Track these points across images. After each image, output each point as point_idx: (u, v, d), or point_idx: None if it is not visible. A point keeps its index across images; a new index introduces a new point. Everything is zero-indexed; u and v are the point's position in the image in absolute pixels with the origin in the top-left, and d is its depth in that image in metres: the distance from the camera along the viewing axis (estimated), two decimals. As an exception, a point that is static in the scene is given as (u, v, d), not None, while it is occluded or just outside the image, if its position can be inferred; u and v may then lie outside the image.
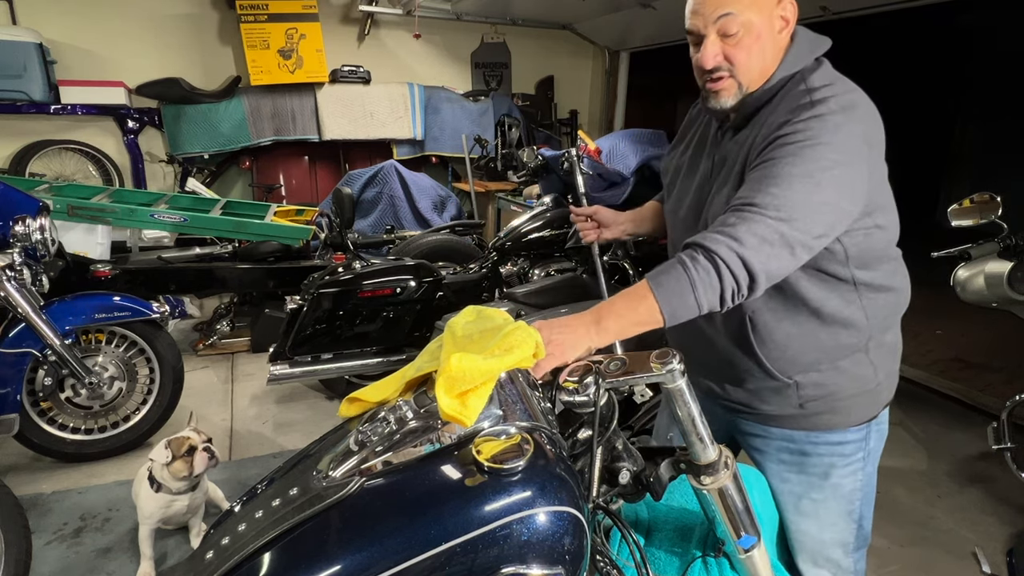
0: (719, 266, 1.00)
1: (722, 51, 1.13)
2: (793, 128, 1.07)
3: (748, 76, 1.15)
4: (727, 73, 1.15)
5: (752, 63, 1.14)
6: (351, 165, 5.63)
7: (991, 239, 2.46)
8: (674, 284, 1.01)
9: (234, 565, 0.78)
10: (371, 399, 1.03)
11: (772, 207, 1.02)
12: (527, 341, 0.99)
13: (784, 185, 1.03)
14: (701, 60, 1.15)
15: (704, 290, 1.00)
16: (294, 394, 3.55)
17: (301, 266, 3.73)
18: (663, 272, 1.03)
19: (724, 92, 1.16)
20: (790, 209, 1.01)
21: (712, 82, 1.16)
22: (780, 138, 1.07)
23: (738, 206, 1.04)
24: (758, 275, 1.01)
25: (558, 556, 0.78)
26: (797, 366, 1.22)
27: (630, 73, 6.46)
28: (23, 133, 4.65)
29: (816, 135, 1.05)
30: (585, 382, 0.93)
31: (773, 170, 1.05)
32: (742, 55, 1.13)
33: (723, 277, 1.00)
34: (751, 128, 1.17)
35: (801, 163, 1.04)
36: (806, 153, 1.04)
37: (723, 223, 1.04)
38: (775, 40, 1.15)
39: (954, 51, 7.12)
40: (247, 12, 4.91)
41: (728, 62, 1.14)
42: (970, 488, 2.75)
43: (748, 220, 1.02)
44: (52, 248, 2.62)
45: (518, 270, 3.58)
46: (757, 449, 1.36)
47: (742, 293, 1.03)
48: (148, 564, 2.17)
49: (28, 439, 2.73)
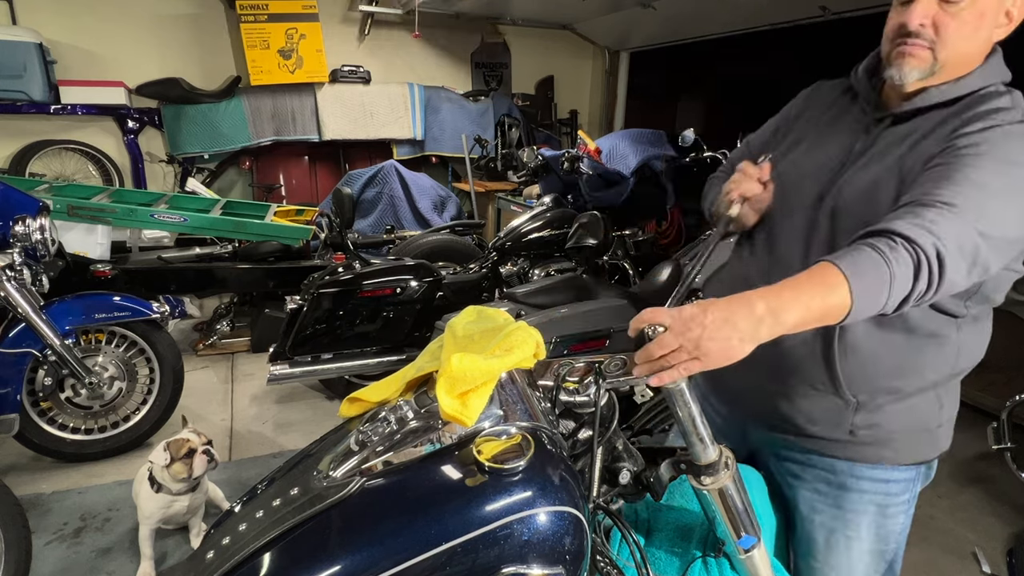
0: (920, 265, 0.85)
1: (933, 15, 0.99)
2: (974, 135, 0.95)
3: (947, 54, 1.01)
4: (927, 44, 1.01)
5: (960, 42, 1.00)
6: (351, 165, 5.63)
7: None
8: (873, 275, 0.84)
9: (234, 565, 0.78)
10: (371, 399, 1.03)
11: (971, 212, 0.88)
12: (527, 341, 0.99)
13: (984, 192, 0.89)
14: (907, 16, 1.00)
15: (899, 289, 0.85)
16: (294, 394, 3.55)
17: (301, 266, 3.72)
18: (859, 260, 0.85)
19: (913, 61, 1.02)
20: (989, 222, 0.88)
21: (905, 45, 1.02)
22: (970, 143, 0.95)
23: (929, 201, 0.89)
24: (944, 284, 0.86)
25: (558, 556, 0.78)
26: (870, 387, 1.10)
27: (630, 73, 6.46)
28: (23, 133, 4.65)
29: (1001, 144, 0.93)
30: (585, 382, 0.93)
31: (968, 173, 0.91)
32: (954, 26, 0.99)
33: (919, 278, 0.85)
34: (915, 124, 1.05)
35: (999, 176, 0.91)
36: (1001, 167, 0.91)
37: (918, 215, 0.88)
38: (991, 32, 1.02)
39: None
40: (247, 12, 4.91)
41: (934, 31, 1.00)
42: (970, 488, 2.75)
43: (948, 218, 0.87)
44: (52, 248, 2.62)
45: (518, 270, 3.58)
46: (792, 474, 1.23)
47: (924, 299, 0.88)
48: (148, 564, 2.16)
49: (28, 439, 2.73)
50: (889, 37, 1.06)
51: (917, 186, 0.95)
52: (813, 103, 1.28)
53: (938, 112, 1.04)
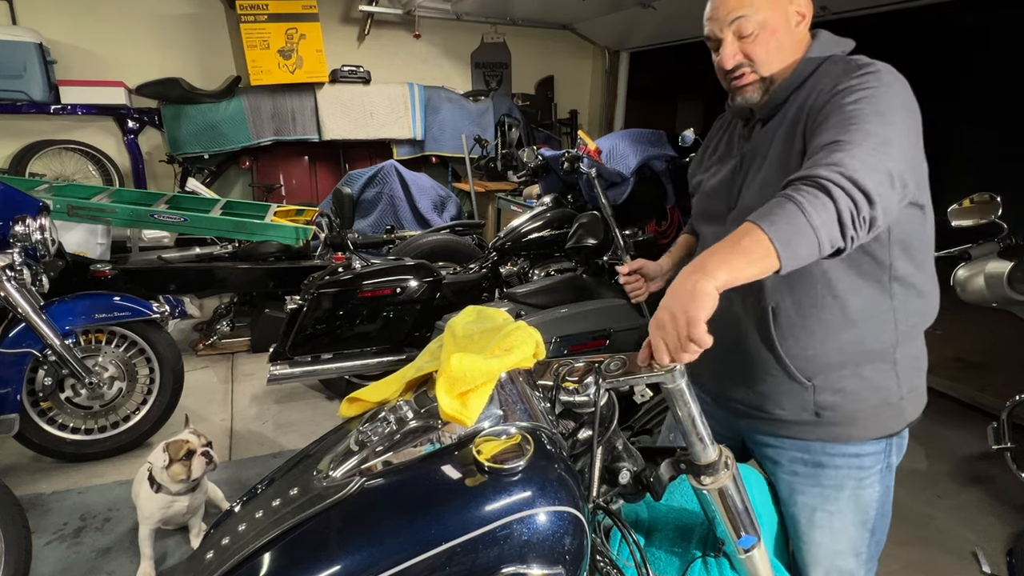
0: (826, 186, 0.90)
1: (740, 50, 1.16)
2: (848, 84, 1.05)
3: (769, 69, 1.17)
4: (748, 69, 1.17)
5: (771, 57, 1.16)
6: (351, 165, 5.63)
7: (991, 239, 2.46)
8: (779, 211, 0.90)
9: (234, 565, 0.78)
10: (371, 399, 1.03)
11: (861, 139, 0.95)
12: (527, 341, 0.99)
13: (869, 122, 0.98)
14: (721, 61, 1.18)
15: (816, 212, 0.89)
16: (294, 394, 3.55)
17: (301, 266, 3.72)
18: (764, 209, 0.93)
19: (749, 88, 1.19)
20: (880, 141, 0.95)
21: (736, 79, 1.19)
22: (840, 93, 1.05)
23: (824, 145, 0.98)
24: (872, 194, 0.91)
25: (558, 556, 0.78)
26: (818, 367, 1.18)
27: (630, 73, 6.46)
28: (23, 133, 4.65)
29: (877, 87, 1.03)
30: (585, 382, 0.93)
31: (849, 113, 1.00)
32: (760, 51, 1.15)
33: (835, 196, 0.90)
34: (783, 114, 1.18)
35: (874, 105, 1.00)
36: (877, 97, 1.01)
37: (814, 162, 0.96)
38: (792, 33, 1.17)
39: (954, 51, 7.12)
40: (247, 12, 4.91)
41: (748, 59, 1.17)
42: (970, 488, 2.75)
43: (843, 149, 0.94)
44: (52, 248, 2.62)
45: (518, 270, 3.58)
46: (770, 459, 1.31)
47: (863, 216, 0.91)
48: (148, 564, 2.16)
49: (28, 439, 2.73)
50: (721, 76, 1.24)
51: (815, 138, 1.03)
52: (711, 140, 1.44)
53: (794, 96, 1.17)
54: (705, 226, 1.36)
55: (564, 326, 2.65)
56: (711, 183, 1.33)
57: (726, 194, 1.27)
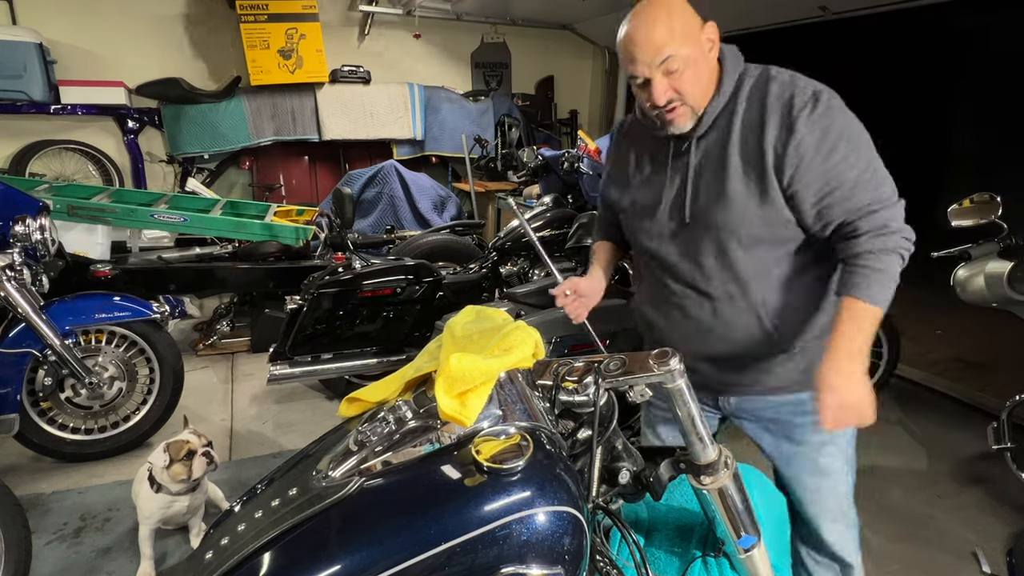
0: (897, 250, 1.22)
1: (670, 86, 1.25)
2: (820, 127, 1.21)
3: (696, 99, 1.27)
4: (679, 103, 1.26)
5: (697, 88, 1.26)
6: (351, 165, 5.63)
7: (991, 239, 2.46)
8: (876, 284, 1.20)
9: (234, 565, 0.78)
10: (371, 399, 1.03)
11: (879, 183, 1.22)
12: (526, 341, 0.99)
13: (866, 168, 1.22)
14: (654, 99, 1.26)
15: (896, 267, 1.21)
16: (294, 394, 3.55)
17: (301, 266, 3.72)
18: (870, 285, 1.20)
19: (680, 118, 1.29)
20: (880, 173, 1.23)
21: (668, 113, 1.28)
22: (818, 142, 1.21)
23: (860, 211, 1.21)
24: (909, 230, 1.23)
25: (558, 556, 0.78)
26: (803, 339, 1.37)
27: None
28: (23, 133, 4.65)
29: (838, 121, 1.22)
30: (585, 382, 0.93)
31: (845, 172, 1.21)
32: (687, 85, 1.25)
33: (903, 253, 1.22)
34: (720, 130, 1.30)
35: (853, 144, 1.22)
36: (850, 137, 1.22)
37: (870, 231, 1.21)
38: (708, 61, 1.28)
39: (954, 51, 7.12)
40: (247, 12, 4.91)
41: (677, 93, 1.25)
42: (970, 488, 2.75)
43: (880, 208, 1.21)
44: (52, 248, 2.62)
45: (518, 270, 3.58)
46: (771, 420, 1.45)
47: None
48: (148, 564, 2.16)
49: (28, 439, 2.73)
50: (647, 109, 1.31)
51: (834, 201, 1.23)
52: (624, 148, 1.50)
53: (724, 110, 1.30)
54: (647, 241, 1.44)
55: (564, 326, 2.64)
56: (645, 200, 1.42)
57: (673, 210, 1.37)
